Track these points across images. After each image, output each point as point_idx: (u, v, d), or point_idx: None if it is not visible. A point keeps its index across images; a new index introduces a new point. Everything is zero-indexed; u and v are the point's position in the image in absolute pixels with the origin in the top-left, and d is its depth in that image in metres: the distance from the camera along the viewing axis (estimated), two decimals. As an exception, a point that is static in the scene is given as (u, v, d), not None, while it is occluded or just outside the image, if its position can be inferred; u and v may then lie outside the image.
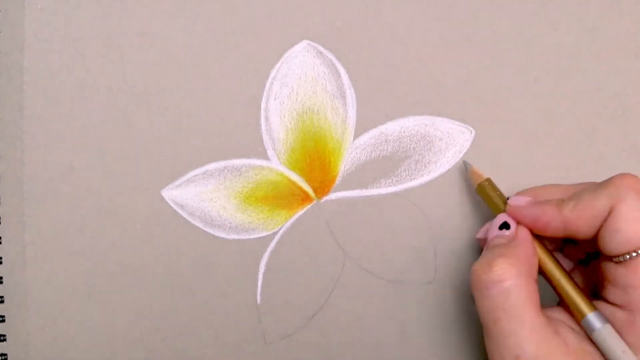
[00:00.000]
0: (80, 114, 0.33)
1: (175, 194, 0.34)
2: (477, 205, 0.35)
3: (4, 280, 0.34)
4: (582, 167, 0.36)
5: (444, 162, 0.35)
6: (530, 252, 0.29)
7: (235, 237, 0.35)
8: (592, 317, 0.28)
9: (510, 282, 0.27)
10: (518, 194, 0.32)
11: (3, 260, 0.34)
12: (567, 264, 0.32)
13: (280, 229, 0.35)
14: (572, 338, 0.28)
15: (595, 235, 0.28)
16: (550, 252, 0.30)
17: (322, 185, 0.35)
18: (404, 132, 0.35)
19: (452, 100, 0.35)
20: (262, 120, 0.34)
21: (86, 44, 0.33)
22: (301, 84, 0.34)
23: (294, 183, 0.35)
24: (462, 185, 0.35)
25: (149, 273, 0.34)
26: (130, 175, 0.34)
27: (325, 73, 0.34)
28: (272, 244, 0.35)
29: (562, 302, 0.30)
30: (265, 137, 0.34)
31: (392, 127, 0.35)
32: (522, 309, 0.27)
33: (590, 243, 0.29)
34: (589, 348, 0.28)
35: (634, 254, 0.27)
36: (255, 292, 0.35)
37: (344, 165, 0.35)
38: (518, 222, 0.30)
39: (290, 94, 0.34)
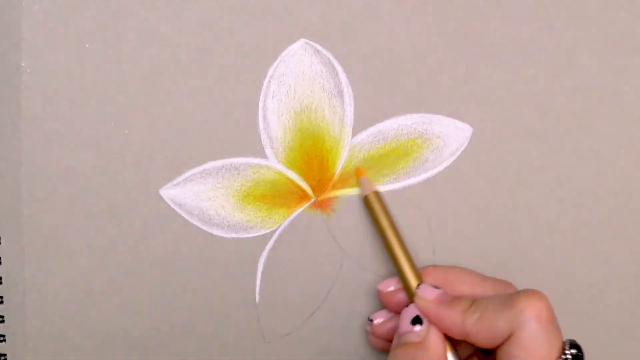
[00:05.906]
0: (78, 114, 0.33)
1: (173, 193, 0.34)
2: (476, 203, 0.35)
3: (3, 280, 0.34)
4: (580, 164, 0.36)
5: (442, 160, 0.35)
6: (440, 356, 0.29)
7: (234, 235, 0.35)
8: None
9: None
10: (427, 275, 0.32)
11: (2, 260, 0.34)
12: (466, 347, 0.32)
13: (279, 227, 0.35)
14: None
15: (495, 348, 0.28)
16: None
17: (320, 184, 0.35)
18: (402, 130, 0.35)
19: (450, 98, 0.35)
20: (260, 119, 0.34)
21: (83, 44, 0.33)
22: (299, 83, 0.34)
23: (292, 181, 0.35)
24: (461, 183, 0.35)
25: (148, 272, 0.34)
26: (129, 175, 0.34)
27: (322, 71, 0.35)
28: (271, 243, 0.35)
29: None
30: (263, 136, 0.34)
31: (390, 125, 0.35)
32: None
33: None
34: None
35: None
36: (254, 291, 0.35)
37: (341, 163, 0.35)
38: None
39: (287, 92, 0.34)
